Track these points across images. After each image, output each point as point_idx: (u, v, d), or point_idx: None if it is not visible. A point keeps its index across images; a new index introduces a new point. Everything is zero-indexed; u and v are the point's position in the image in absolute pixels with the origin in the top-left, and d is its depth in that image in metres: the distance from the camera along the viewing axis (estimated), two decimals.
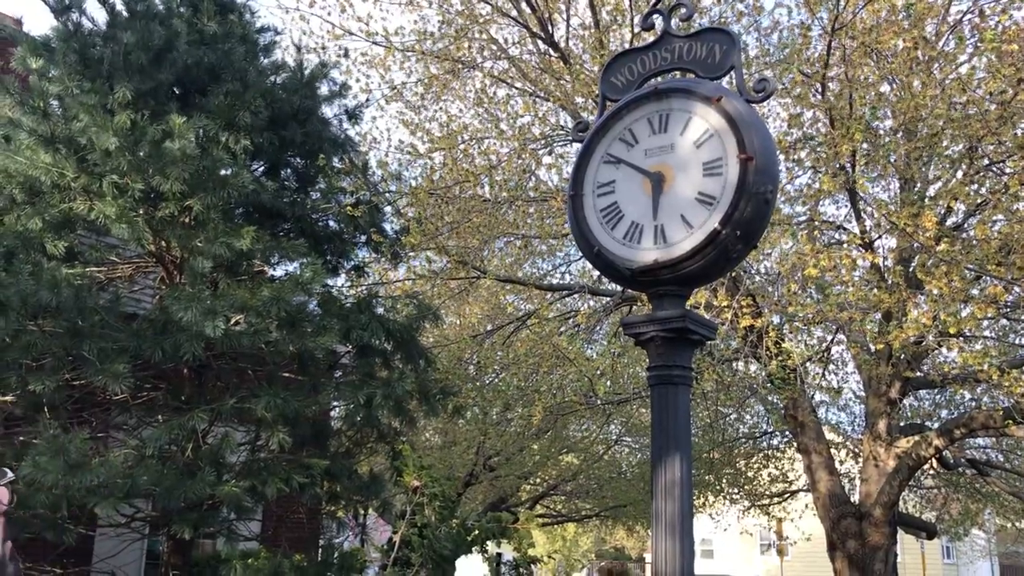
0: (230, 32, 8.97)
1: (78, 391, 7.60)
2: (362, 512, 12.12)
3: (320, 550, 11.13)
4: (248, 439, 8.75)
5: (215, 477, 7.38)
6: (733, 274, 9.25)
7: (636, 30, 9.81)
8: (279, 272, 9.74)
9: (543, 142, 11.24)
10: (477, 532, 16.71)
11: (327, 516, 10.99)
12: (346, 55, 10.93)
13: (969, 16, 9.70)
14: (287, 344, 7.73)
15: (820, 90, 8.87)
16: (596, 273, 11.70)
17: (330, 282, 9.44)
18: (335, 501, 9.67)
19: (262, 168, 9.62)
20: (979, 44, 8.07)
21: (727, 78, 3.31)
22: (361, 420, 8.66)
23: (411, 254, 10.83)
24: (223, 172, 7.75)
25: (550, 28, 10.77)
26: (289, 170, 10.00)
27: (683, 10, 3.45)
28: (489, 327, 13.06)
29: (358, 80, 26.38)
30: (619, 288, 10.97)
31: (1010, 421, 9.14)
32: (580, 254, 12.84)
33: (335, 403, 9.30)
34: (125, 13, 8.56)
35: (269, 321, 7.51)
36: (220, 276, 8.04)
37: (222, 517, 8.18)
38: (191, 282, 7.36)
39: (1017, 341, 11.43)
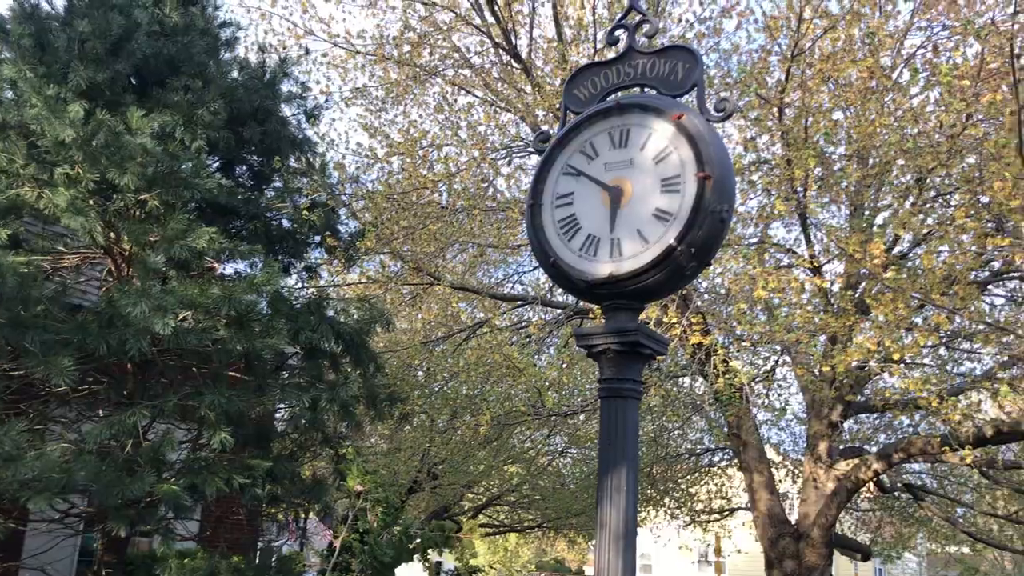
0: (191, 25, 8.87)
1: (16, 382, 7.42)
2: (303, 515, 11.99)
3: (259, 552, 10.98)
4: (190, 437, 8.61)
5: (154, 475, 7.25)
6: (684, 291, 9.35)
7: (599, 46, 9.90)
8: (229, 270, 9.63)
9: (503, 152, 11.27)
10: (419, 540, 16.61)
11: (267, 518, 10.84)
12: (307, 54, 10.86)
13: (922, 51, 9.96)
14: (235, 343, 7.64)
15: (777, 114, 9.02)
16: (549, 284, 11.75)
17: (281, 282, 9.36)
18: (276, 503, 9.55)
19: (217, 164, 9.51)
20: (931, 78, 8.28)
21: (689, 96, 3.35)
22: (306, 423, 8.59)
23: (365, 257, 10.77)
24: (183, 167, 7.64)
25: (513, 39, 10.82)
26: (244, 167, 9.90)
27: (647, 27, 3.48)
28: (440, 334, 13.03)
29: (318, 82, 26.21)
30: (571, 300, 11.03)
31: (947, 447, 9.34)
32: (533, 264, 12.92)
33: (280, 404, 9.21)
34: None
35: (217, 319, 7.41)
36: (170, 271, 7.92)
37: (159, 515, 8.03)
38: (141, 277, 7.23)
39: (956, 370, 11.69)
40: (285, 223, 9.99)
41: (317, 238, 10.08)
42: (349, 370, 8.95)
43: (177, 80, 8.54)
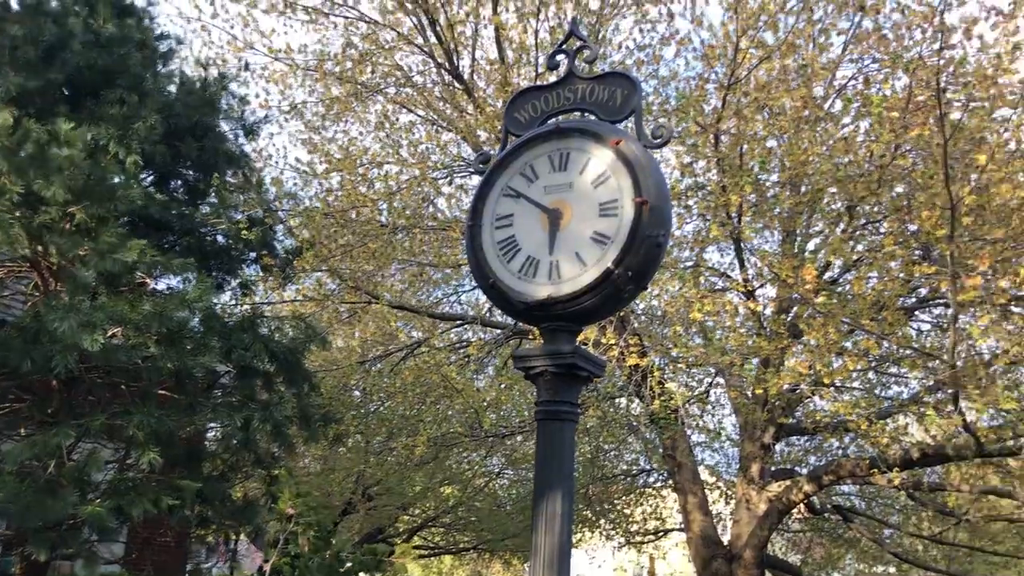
0: (127, 36, 8.71)
1: None
2: (233, 538, 11.74)
3: (187, 575, 10.71)
4: (117, 457, 8.38)
5: (78, 496, 7.03)
6: (622, 313, 9.42)
7: (540, 69, 9.98)
8: (161, 286, 9.43)
9: (444, 172, 11.26)
10: (351, 564, 16.35)
11: (196, 540, 10.60)
12: (247, 68, 10.74)
13: (853, 82, 10.25)
14: (165, 361, 7.46)
15: (714, 141, 9.18)
16: (488, 304, 11.75)
17: (214, 299, 9.18)
18: (205, 525, 9.34)
19: (151, 178, 9.33)
20: (862, 108, 8.51)
21: (627, 122, 3.39)
22: (238, 443, 8.42)
23: (302, 275, 10.65)
24: (112, 181, 7.47)
25: (456, 60, 10.84)
26: (180, 182, 9.73)
27: (587, 52, 3.53)
28: (377, 353, 12.92)
29: (257, 96, 25.92)
30: (510, 320, 11.04)
31: (875, 470, 9.53)
32: (472, 284, 12.91)
33: (212, 424, 9.02)
34: (15, 6, 8.23)
35: (148, 336, 7.24)
36: (100, 286, 7.72)
37: (83, 538, 7.78)
38: (69, 291, 7.03)
39: (883, 393, 11.96)
40: (220, 239, 9.83)
41: (252, 254, 9.94)
42: (283, 389, 8.82)
43: (112, 92, 8.37)
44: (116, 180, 7.55)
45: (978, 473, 11.42)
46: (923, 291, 10.46)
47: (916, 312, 11.21)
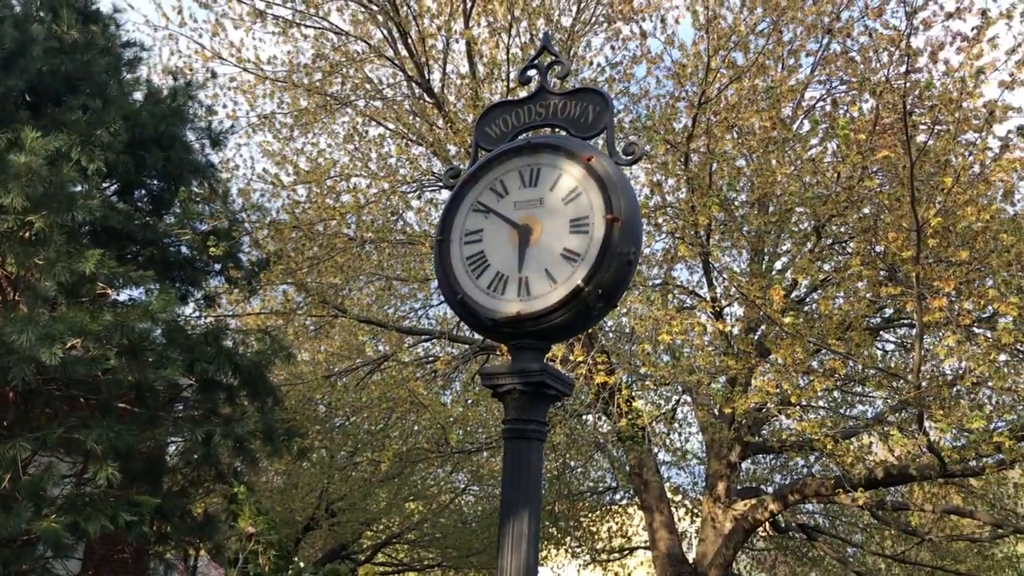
0: (91, 43, 8.58)
1: None
2: (193, 555, 11.52)
3: None
4: (74, 472, 8.20)
5: (33, 511, 6.85)
6: (590, 331, 9.40)
7: (512, 84, 9.97)
8: (123, 296, 9.27)
9: (413, 185, 11.21)
10: None
11: (155, 557, 10.38)
12: (214, 77, 10.63)
13: (821, 104, 10.35)
14: (126, 373, 7.32)
15: (683, 160, 9.21)
16: (456, 319, 11.69)
17: (178, 311, 9.03)
18: (164, 542, 9.15)
19: (114, 187, 9.18)
20: (831, 130, 8.58)
21: (598, 138, 3.36)
22: (199, 458, 8.28)
23: (268, 286, 10.53)
24: (72, 190, 7.32)
25: (426, 73, 10.80)
26: (144, 191, 9.58)
27: (559, 68, 3.50)
28: (343, 367, 12.79)
29: (225, 106, 25.70)
30: (478, 336, 10.97)
31: (840, 489, 9.57)
32: (440, 299, 12.84)
33: (172, 439, 8.86)
34: None
35: (108, 348, 7.10)
36: (60, 297, 7.57)
37: (37, 554, 7.59)
38: (29, 304, 6.87)
39: (848, 412, 12.03)
40: (184, 250, 9.68)
41: (218, 266, 9.79)
42: (246, 404, 8.68)
43: (75, 99, 8.23)
44: (76, 189, 7.41)
45: (940, 493, 11.52)
46: (888, 311, 10.55)
47: (881, 332, 11.30)
